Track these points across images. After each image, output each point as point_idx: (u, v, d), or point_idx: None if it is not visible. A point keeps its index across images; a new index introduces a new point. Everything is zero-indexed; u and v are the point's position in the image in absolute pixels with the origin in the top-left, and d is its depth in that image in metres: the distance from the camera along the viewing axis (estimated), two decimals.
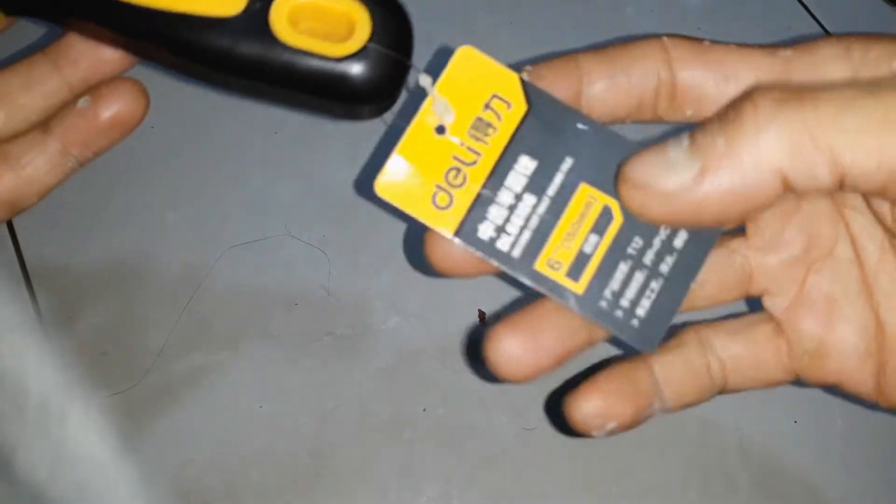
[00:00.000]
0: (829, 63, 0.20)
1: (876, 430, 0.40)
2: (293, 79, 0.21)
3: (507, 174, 0.21)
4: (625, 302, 0.21)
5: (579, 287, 0.21)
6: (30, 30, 0.40)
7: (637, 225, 0.21)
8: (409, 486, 0.38)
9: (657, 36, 0.22)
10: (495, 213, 0.21)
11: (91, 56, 0.25)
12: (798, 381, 0.23)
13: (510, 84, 0.22)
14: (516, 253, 0.21)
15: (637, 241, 0.21)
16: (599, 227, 0.21)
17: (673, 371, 0.23)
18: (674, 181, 0.19)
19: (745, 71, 0.21)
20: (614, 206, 0.21)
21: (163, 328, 0.41)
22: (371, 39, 0.21)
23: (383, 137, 0.46)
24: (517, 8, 0.52)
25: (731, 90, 0.21)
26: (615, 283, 0.21)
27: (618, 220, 0.21)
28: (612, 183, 0.21)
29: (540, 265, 0.21)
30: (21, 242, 0.43)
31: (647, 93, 0.22)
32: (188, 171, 0.45)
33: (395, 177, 0.21)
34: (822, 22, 0.51)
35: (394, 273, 0.43)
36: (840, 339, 0.22)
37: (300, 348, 0.41)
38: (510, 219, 0.21)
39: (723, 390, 0.23)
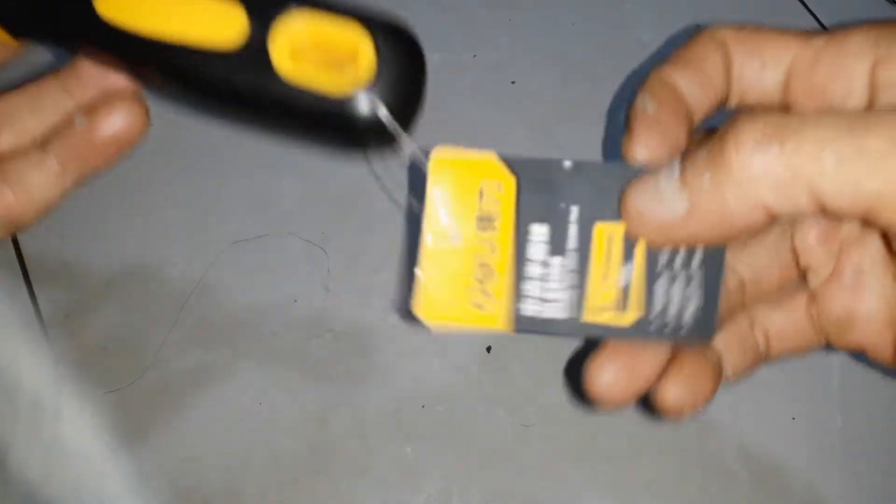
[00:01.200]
0: (853, 58, 0.21)
1: (874, 427, 0.40)
2: (294, 116, 0.21)
3: (527, 248, 0.22)
4: (672, 313, 0.22)
5: (629, 319, 0.22)
6: (42, 55, 0.40)
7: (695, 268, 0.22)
8: (408, 483, 0.38)
9: (712, 30, 0.22)
10: (531, 289, 0.22)
11: (101, 80, 0.25)
12: (827, 346, 0.25)
13: (490, 166, 0.22)
14: (563, 315, 0.22)
15: (664, 254, 0.22)
16: (628, 256, 0.22)
17: (730, 346, 0.24)
18: (666, 214, 0.20)
19: (781, 57, 0.22)
20: (639, 260, 0.22)
21: (162, 326, 0.41)
22: (378, 73, 0.21)
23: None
24: (517, 8, 0.52)
25: (769, 77, 0.22)
26: (658, 302, 0.22)
27: (641, 241, 0.22)
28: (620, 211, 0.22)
29: (588, 316, 0.22)
30: (20, 240, 0.43)
31: (722, 85, 0.22)
32: (188, 168, 0.45)
33: (428, 298, 0.22)
34: (821, 19, 0.51)
35: (393, 270, 0.43)
36: (865, 309, 0.23)
37: (300, 346, 0.41)
38: (547, 287, 0.22)
39: (767, 359, 0.25)
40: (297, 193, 0.44)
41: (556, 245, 0.22)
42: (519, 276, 0.22)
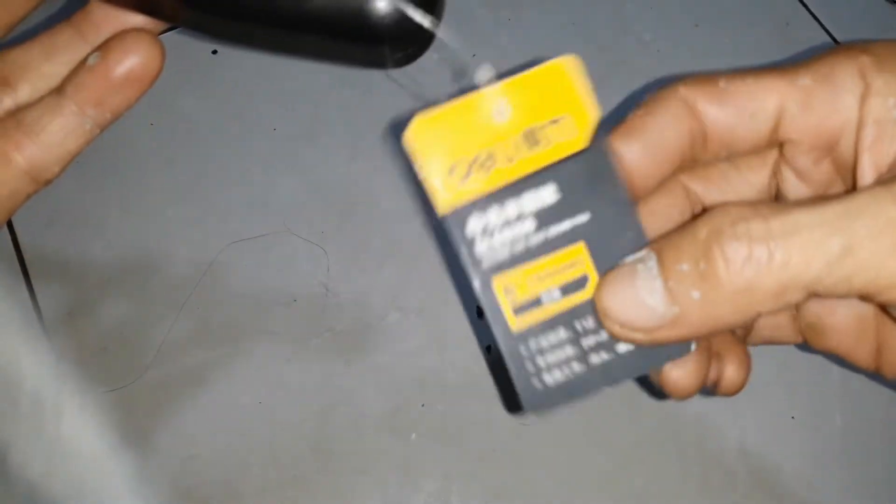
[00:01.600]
0: (844, 94, 0.21)
1: (873, 427, 0.40)
2: (309, 19, 0.20)
3: (527, 190, 0.21)
4: (541, 362, 0.21)
5: (514, 324, 0.21)
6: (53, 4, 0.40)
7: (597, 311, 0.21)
8: (408, 481, 0.38)
9: (673, 85, 0.22)
10: (492, 216, 0.21)
11: (115, 21, 0.24)
12: (805, 345, 0.25)
13: (585, 117, 0.21)
14: (486, 261, 0.21)
15: (588, 323, 0.21)
16: (567, 289, 0.21)
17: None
18: (652, 321, 0.20)
19: (768, 105, 0.21)
20: (592, 281, 0.21)
21: (162, 324, 0.41)
22: None
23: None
24: (517, 8, 0.52)
25: (761, 126, 0.22)
26: (544, 342, 0.21)
27: (586, 294, 0.21)
28: (605, 260, 0.21)
29: (497, 283, 0.21)
30: (20, 238, 0.43)
31: (685, 149, 0.22)
32: (188, 167, 0.45)
33: (432, 128, 0.21)
34: (820, 18, 0.51)
35: (393, 269, 0.43)
36: (838, 321, 0.23)
37: (300, 344, 0.41)
38: (500, 229, 0.21)
39: (744, 343, 0.25)
40: (297, 192, 0.44)
41: (544, 217, 0.21)
42: (509, 192, 0.21)
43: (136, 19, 0.24)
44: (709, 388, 0.23)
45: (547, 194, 0.21)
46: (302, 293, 0.42)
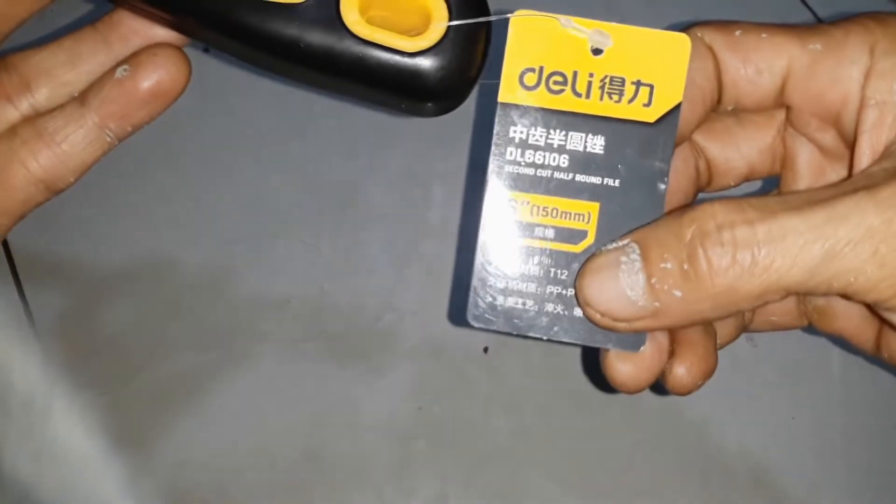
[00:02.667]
0: (849, 67, 0.21)
1: (874, 427, 0.39)
2: (362, 73, 0.20)
3: (579, 130, 0.21)
4: (502, 283, 0.22)
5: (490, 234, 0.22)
6: (78, 5, 0.39)
7: (576, 270, 0.21)
8: (404, 485, 0.38)
9: (692, 29, 0.22)
10: (538, 132, 0.21)
11: (143, 33, 0.23)
12: (810, 328, 0.25)
13: (670, 95, 0.21)
14: (509, 167, 0.21)
15: (562, 275, 0.21)
16: (562, 234, 0.21)
17: None
18: (632, 313, 0.20)
19: (777, 62, 0.21)
20: (587, 240, 0.21)
21: (155, 327, 0.41)
22: (446, 34, 0.20)
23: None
24: (517, 8, 0.51)
25: (766, 82, 0.22)
26: (516, 268, 0.22)
27: (575, 248, 0.21)
28: (610, 230, 0.21)
29: (509, 194, 0.21)
30: (10, 241, 0.42)
31: (713, 92, 0.22)
32: (180, 167, 0.45)
33: (536, 26, 0.21)
34: (821, 17, 0.51)
35: (388, 271, 0.42)
36: (846, 305, 0.24)
37: (294, 346, 0.40)
38: (537, 149, 0.21)
39: (747, 329, 0.25)
40: (291, 192, 0.44)
41: (579, 160, 0.21)
42: (563, 121, 0.21)
43: (163, 33, 0.23)
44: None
45: (594, 144, 0.21)
46: (296, 294, 0.42)
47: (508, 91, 0.21)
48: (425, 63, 0.20)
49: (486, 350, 0.40)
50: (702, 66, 0.22)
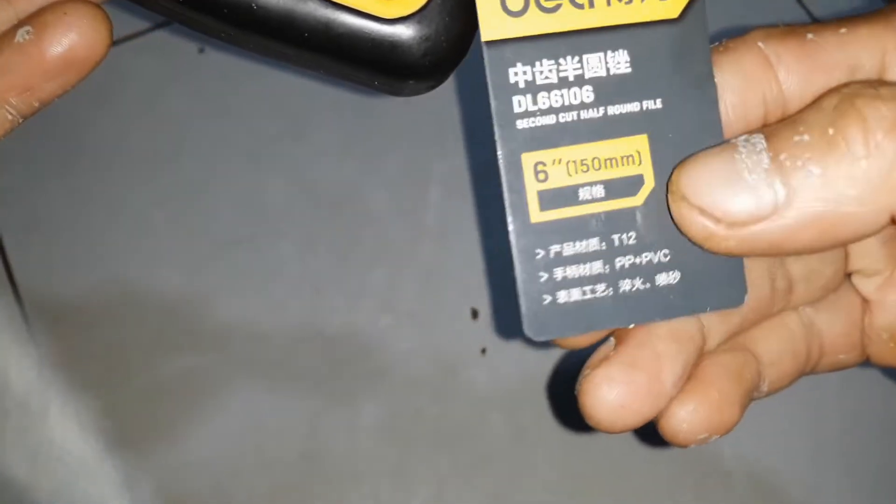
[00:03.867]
0: None
1: (872, 431, 0.39)
2: (328, 43, 0.17)
3: (594, 50, 0.17)
4: (558, 273, 0.17)
5: (536, 215, 0.17)
6: None
7: (644, 226, 0.17)
8: (401, 488, 0.38)
9: (747, 37, 0.18)
10: (545, 67, 0.17)
11: None
12: (867, 363, 0.21)
13: None
14: (522, 123, 0.17)
15: (630, 238, 0.17)
16: (613, 188, 0.17)
17: (774, 352, 0.19)
18: (747, 206, 0.15)
19: (865, 58, 0.17)
20: (647, 186, 0.17)
21: (150, 329, 0.40)
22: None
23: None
24: None
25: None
26: (569, 248, 0.17)
27: (635, 201, 0.17)
28: (669, 163, 0.17)
29: (528, 157, 0.17)
30: (5, 242, 0.42)
31: (759, 111, 0.17)
32: (174, 168, 0.45)
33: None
34: (819, 19, 0.51)
35: (385, 272, 0.42)
36: None
37: (290, 349, 0.40)
38: (550, 89, 0.17)
39: (809, 371, 0.20)
40: (285, 194, 0.44)
41: (605, 90, 0.17)
42: (572, 45, 0.17)
43: None
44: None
45: (617, 62, 0.17)
46: (292, 297, 0.41)
47: (491, 25, 0.16)
48: (406, 32, 0.17)
49: (483, 351, 0.40)
50: (757, 79, 0.17)
